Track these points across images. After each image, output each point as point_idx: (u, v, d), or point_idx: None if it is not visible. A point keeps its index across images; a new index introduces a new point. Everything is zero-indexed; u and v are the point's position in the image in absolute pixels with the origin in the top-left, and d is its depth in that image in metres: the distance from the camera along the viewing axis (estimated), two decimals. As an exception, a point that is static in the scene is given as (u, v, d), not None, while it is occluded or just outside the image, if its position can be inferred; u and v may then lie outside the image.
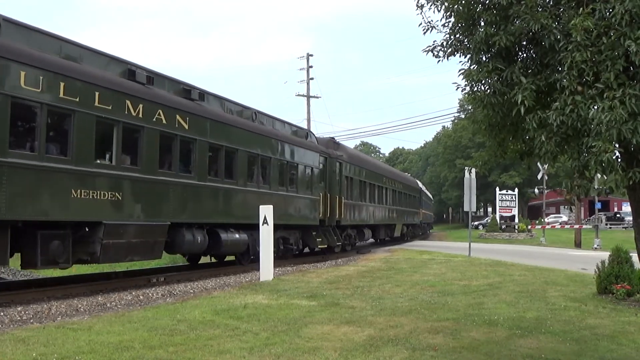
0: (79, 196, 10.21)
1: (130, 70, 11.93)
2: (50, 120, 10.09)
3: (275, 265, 14.16)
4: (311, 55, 43.55)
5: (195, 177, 13.54)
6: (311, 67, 43.07)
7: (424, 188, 50.30)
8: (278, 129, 18.74)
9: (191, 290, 11.84)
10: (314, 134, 22.32)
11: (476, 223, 68.65)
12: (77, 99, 10.23)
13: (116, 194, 11.04)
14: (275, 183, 17.41)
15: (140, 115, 11.71)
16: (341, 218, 22.46)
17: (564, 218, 57.62)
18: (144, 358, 5.89)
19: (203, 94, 14.37)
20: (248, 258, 16.45)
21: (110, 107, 10.91)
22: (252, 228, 15.73)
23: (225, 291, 11.26)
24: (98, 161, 10.79)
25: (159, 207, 12.25)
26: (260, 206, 14.13)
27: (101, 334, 6.95)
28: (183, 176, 13.13)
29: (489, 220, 64.85)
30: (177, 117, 12.90)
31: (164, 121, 12.43)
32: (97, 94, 10.62)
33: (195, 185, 13.52)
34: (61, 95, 9.95)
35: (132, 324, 7.56)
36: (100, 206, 10.64)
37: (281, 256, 17.97)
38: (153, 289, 11.90)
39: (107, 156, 11.28)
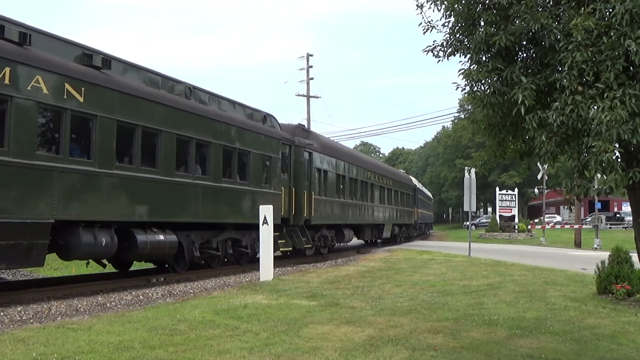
0: None
1: None
2: None
3: (274, 266, 14.13)
4: (311, 55, 43.70)
5: (95, 164, 10.85)
6: (311, 67, 43.23)
7: (420, 186, 47.12)
8: (226, 109, 15.63)
9: (191, 290, 11.84)
10: (275, 118, 18.45)
11: (468, 223, 67.64)
12: None
13: None
14: (217, 173, 14.48)
15: (7, 82, 9.28)
16: (311, 216, 19.33)
17: (558, 218, 57.53)
18: (144, 358, 5.89)
19: (109, 60, 11.46)
20: (184, 265, 13.97)
21: None
22: (188, 228, 13.73)
23: (225, 291, 11.26)
24: None
25: (36, 200, 9.69)
26: (261, 206, 13.95)
27: (101, 334, 6.95)
28: (76, 162, 10.51)
29: (482, 220, 63.94)
30: (67, 86, 10.31)
31: (45, 90, 9.91)
32: None
33: (96, 173, 10.86)
34: None
35: (132, 324, 7.56)
36: None
37: (233, 261, 15.81)
38: (153, 289, 11.90)
39: None
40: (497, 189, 46.14)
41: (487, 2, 5.38)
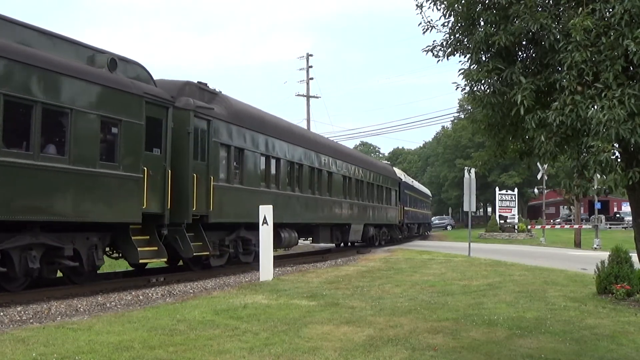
0: None
1: None
2: None
3: (274, 266, 14.12)
4: (311, 55, 43.65)
5: None
6: (311, 67, 43.17)
7: (409, 180, 40.09)
8: (31, 43, 9.78)
9: (191, 290, 11.84)
10: (142, 66, 12.56)
11: (437, 221, 66.70)
12: None
13: None
14: None
15: None
16: (210, 211, 13.84)
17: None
18: (144, 358, 5.89)
19: None
20: (19, 285, 10.00)
21: None
22: None
23: (225, 291, 11.26)
24: None
25: None
26: (260, 206, 13.89)
27: (101, 334, 6.95)
28: None
29: (435, 222, 61.96)
30: None
31: None
32: None
33: None
34: None
35: (132, 324, 7.56)
36: None
37: (55, 281, 11.34)
38: (153, 289, 11.89)
39: None
40: (497, 189, 46.17)
41: (487, 1, 5.39)
